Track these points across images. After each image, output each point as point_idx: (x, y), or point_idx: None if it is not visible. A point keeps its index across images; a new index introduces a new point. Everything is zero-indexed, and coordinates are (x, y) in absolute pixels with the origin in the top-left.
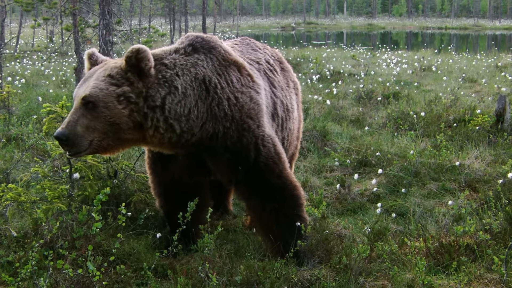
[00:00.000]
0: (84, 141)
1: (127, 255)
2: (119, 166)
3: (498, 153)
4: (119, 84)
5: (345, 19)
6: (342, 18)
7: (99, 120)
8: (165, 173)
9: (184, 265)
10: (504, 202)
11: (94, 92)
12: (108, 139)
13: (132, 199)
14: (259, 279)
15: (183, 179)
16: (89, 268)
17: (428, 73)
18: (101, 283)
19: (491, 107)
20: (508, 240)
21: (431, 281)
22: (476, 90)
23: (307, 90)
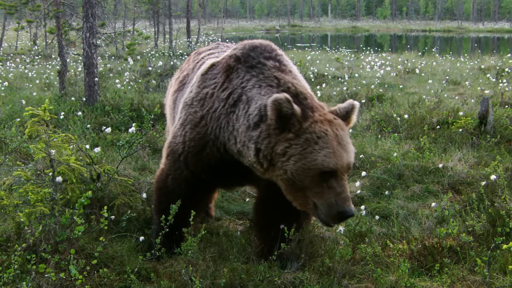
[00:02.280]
0: None
1: (111, 259)
2: (102, 170)
3: (481, 155)
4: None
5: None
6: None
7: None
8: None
9: (168, 268)
10: (487, 204)
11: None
12: None
13: (115, 202)
14: (243, 282)
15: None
16: (72, 271)
17: (412, 76)
18: (84, 287)
19: (474, 109)
20: (491, 242)
21: (414, 283)
22: (460, 92)
23: None
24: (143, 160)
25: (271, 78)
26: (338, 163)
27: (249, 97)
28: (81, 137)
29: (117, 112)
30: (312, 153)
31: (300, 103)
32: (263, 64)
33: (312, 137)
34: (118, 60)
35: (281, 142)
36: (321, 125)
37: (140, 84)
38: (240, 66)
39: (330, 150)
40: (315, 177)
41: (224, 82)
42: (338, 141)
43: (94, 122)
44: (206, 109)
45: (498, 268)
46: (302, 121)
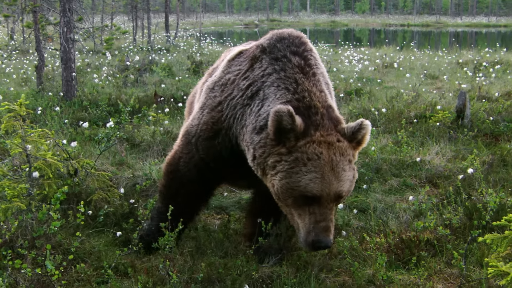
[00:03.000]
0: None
1: (88, 254)
2: (79, 165)
3: (458, 149)
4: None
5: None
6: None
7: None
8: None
9: (145, 263)
10: (464, 198)
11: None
12: None
13: (92, 197)
14: (220, 276)
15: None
16: (48, 267)
17: (390, 70)
18: (60, 282)
19: (451, 103)
20: (468, 235)
21: (391, 276)
22: (438, 86)
23: None
24: (121, 155)
25: (291, 79)
26: (324, 190)
27: (265, 95)
28: (58, 132)
29: (95, 107)
30: (297, 174)
31: (308, 118)
32: (288, 60)
33: (303, 157)
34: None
35: (273, 155)
36: (316, 147)
37: (118, 79)
38: (264, 57)
39: (317, 175)
40: (298, 199)
41: (247, 71)
42: (332, 167)
43: (72, 117)
44: (225, 95)
45: (474, 261)
46: (300, 138)
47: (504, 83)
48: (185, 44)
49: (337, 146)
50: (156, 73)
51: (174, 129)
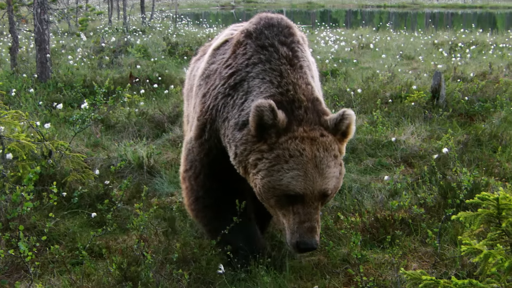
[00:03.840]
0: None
1: (63, 235)
2: (53, 146)
3: (433, 128)
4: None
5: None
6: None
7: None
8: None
9: (120, 244)
10: (439, 177)
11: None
12: None
13: (67, 179)
14: (195, 256)
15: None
16: (21, 248)
17: (366, 51)
18: (34, 264)
19: (427, 83)
20: (442, 214)
21: (366, 255)
22: (413, 67)
23: None
24: (96, 136)
25: (276, 72)
26: (307, 188)
27: (250, 88)
28: (33, 114)
29: (70, 89)
30: (279, 172)
31: (291, 113)
32: (276, 50)
33: (284, 154)
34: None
35: (255, 152)
36: (298, 143)
37: (93, 60)
38: (249, 42)
39: (299, 173)
40: (280, 198)
41: (229, 58)
42: (315, 164)
43: (47, 99)
44: (208, 86)
45: (448, 240)
46: (282, 134)
47: (479, 63)
48: (161, 26)
49: (320, 141)
50: (132, 54)
51: (149, 110)
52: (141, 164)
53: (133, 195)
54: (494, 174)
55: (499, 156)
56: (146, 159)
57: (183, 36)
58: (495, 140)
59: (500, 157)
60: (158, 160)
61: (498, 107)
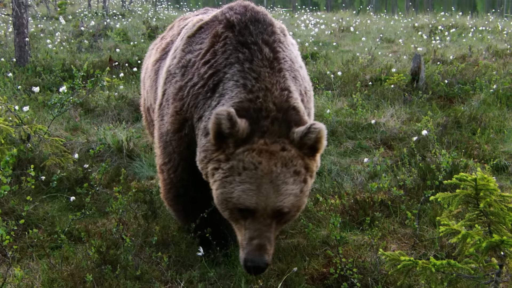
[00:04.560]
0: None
1: (41, 219)
2: (32, 130)
3: (413, 111)
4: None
5: None
6: None
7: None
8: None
9: (99, 228)
10: (418, 159)
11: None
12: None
13: (46, 163)
14: (175, 239)
15: None
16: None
17: (346, 34)
18: (12, 247)
19: (407, 66)
20: (421, 196)
21: (345, 237)
22: (393, 50)
23: None
24: (75, 120)
25: (255, 73)
26: (259, 204)
27: (224, 90)
28: (11, 99)
29: (49, 73)
30: (231, 184)
31: (256, 122)
32: (259, 50)
33: (238, 166)
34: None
35: (213, 161)
36: (255, 155)
37: (72, 44)
38: (230, 37)
39: (251, 187)
40: (233, 211)
41: (208, 52)
42: (271, 179)
43: (25, 83)
44: (186, 80)
45: (428, 221)
46: (240, 145)
47: (459, 46)
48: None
49: (280, 156)
50: (111, 38)
51: (129, 94)
52: (120, 147)
53: (112, 179)
54: (473, 156)
55: (478, 138)
56: (126, 143)
57: (163, 19)
58: (474, 122)
59: (479, 139)
60: (138, 144)
61: (477, 90)
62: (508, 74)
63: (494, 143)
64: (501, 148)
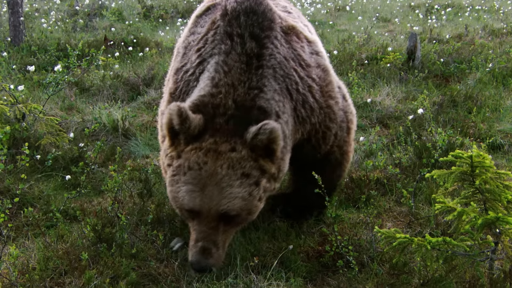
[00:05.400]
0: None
1: (37, 198)
2: (27, 109)
3: (409, 89)
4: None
5: None
6: None
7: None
8: None
9: (95, 206)
10: (414, 137)
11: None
12: None
13: (41, 142)
14: (170, 217)
15: None
16: None
17: (342, 13)
18: (7, 226)
19: (403, 45)
20: (417, 174)
21: (341, 214)
22: (390, 29)
23: None
24: (70, 99)
25: (224, 69)
26: (203, 206)
27: (201, 80)
28: (6, 78)
29: (44, 52)
30: (177, 183)
31: (211, 119)
32: (242, 43)
33: (184, 165)
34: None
35: (168, 157)
36: (201, 155)
37: (67, 24)
38: (220, 25)
39: (194, 188)
40: (181, 210)
41: (201, 39)
42: (215, 181)
43: (20, 63)
44: (182, 63)
45: (423, 199)
46: (190, 142)
47: (455, 25)
48: None
49: (227, 157)
50: (106, 17)
51: (124, 73)
52: (116, 127)
53: (108, 158)
54: (469, 134)
55: (474, 117)
56: (121, 122)
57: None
58: (470, 101)
59: (475, 117)
60: (133, 123)
61: (473, 69)
62: (504, 53)
63: (490, 122)
64: (497, 127)
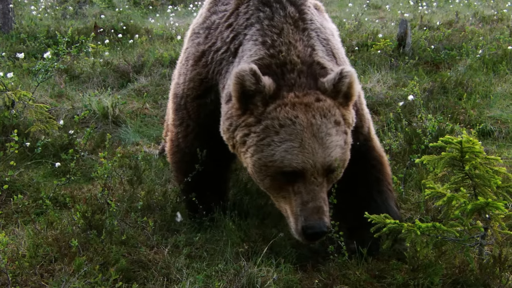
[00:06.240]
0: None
1: (27, 186)
2: (16, 96)
3: (399, 76)
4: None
5: None
6: None
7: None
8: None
9: (85, 193)
10: (404, 124)
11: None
12: None
13: (30, 129)
14: (160, 204)
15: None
16: None
17: (333, 0)
18: None
19: (393, 32)
20: (407, 160)
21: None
22: (380, 16)
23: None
24: (60, 87)
25: (276, 29)
26: (307, 162)
27: (243, 52)
28: None
29: (33, 40)
30: (269, 145)
31: (281, 77)
32: (283, 7)
33: (273, 124)
34: None
35: (241, 128)
36: (289, 110)
37: (57, 11)
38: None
39: (294, 144)
40: (275, 177)
41: (232, 15)
42: (312, 133)
43: (9, 50)
44: (209, 44)
45: (413, 185)
46: (269, 102)
47: (446, 12)
48: None
49: (316, 107)
50: (96, 5)
51: (114, 60)
52: (106, 114)
53: (97, 145)
54: (459, 121)
55: (464, 103)
56: (111, 109)
57: None
58: (460, 87)
59: (465, 104)
60: (123, 110)
61: (463, 55)
62: (495, 40)
63: (480, 108)
64: (487, 113)
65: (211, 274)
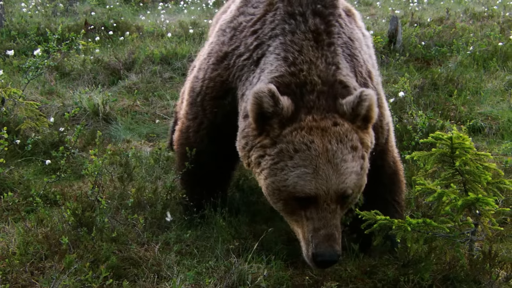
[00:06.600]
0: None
1: (17, 183)
2: (6, 94)
3: (390, 73)
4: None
5: None
6: None
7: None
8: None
9: (75, 191)
10: (395, 120)
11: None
12: None
13: (21, 126)
14: (151, 201)
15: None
16: None
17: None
18: None
19: (384, 29)
20: None
21: None
22: (371, 13)
23: (203, 15)
24: (50, 84)
25: (297, 46)
26: (320, 188)
27: (265, 65)
28: None
29: (23, 37)
30: (283, 170)
31: (300, 98)
32: (305, 21)
33: (288, 148)
34: None
35: (257, 148)
36: (305, 134)
37: (47, 8)
38: (280, 7)
39: (308, 170)
40: (288, 201)
41: (258, 21)
42: (327, 159)
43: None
44: (232, 46)
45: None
46: (286, 125)
47: (436, 9)
48: None
49: (333, 132)
50: (87, 2)
51: (105, 57)
52: (96, 111)
53: (88, 142)
54: (450, 117)
55: (454, 99)
56: (102, 106)
57: None
58: (451, 84)
59: (455, 100)
60: (114, 107)
61: (454, 52)
62: (485, 37)
63: (471, 105)
64: (477, 110)
65: (202, 271)
